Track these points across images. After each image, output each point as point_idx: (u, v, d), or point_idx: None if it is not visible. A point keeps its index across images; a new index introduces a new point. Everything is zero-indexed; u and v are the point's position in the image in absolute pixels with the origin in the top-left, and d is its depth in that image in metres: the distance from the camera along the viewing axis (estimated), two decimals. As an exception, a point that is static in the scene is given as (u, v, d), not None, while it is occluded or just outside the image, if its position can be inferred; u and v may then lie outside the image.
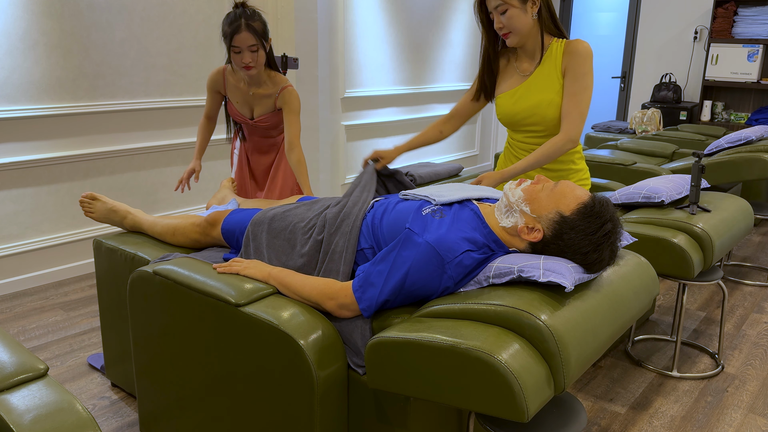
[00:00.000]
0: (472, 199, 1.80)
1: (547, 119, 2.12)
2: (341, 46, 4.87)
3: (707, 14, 5.80)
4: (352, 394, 1.65)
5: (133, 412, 2.35)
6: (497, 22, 2.05)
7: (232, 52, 2.47)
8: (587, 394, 2.52)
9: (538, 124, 2.15)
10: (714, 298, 3.52)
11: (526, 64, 2.16)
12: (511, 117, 2.19)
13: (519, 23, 2.03)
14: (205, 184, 4.26)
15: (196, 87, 4.06)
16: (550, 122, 2.13)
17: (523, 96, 2.15)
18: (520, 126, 2.21)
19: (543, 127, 2.16)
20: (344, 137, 5.10)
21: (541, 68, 2.12)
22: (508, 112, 2.19)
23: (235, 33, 2.42)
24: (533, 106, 2.13)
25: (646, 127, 5.37)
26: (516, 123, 2.20)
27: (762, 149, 3.49)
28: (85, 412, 1.11)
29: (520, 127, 2.21)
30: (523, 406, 1.31)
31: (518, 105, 2.16)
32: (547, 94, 2.10)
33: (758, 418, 2.37)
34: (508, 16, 2.02)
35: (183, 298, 1.81)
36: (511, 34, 2.06)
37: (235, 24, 2.43)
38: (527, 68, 2.16)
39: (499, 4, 2.01)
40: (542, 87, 2.12)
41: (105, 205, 2.37)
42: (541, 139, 2.20)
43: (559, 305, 1.48)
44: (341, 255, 1.78)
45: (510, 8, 2.01)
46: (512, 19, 2.02)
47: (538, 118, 2.13)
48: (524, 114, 2.16)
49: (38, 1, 3.26)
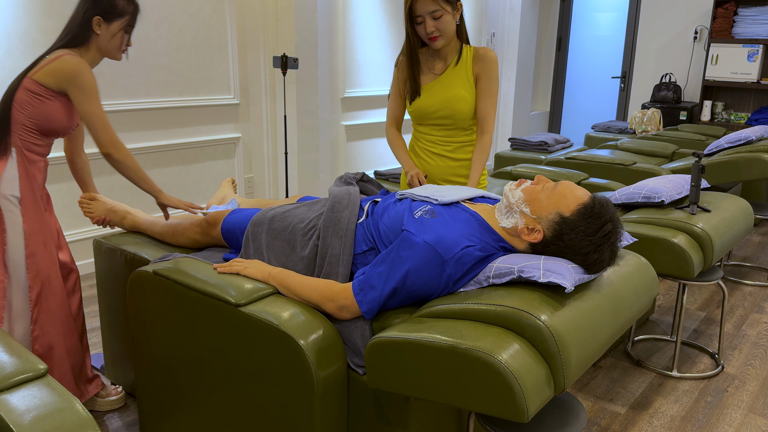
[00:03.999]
0: (467, 199, 1.81)
1: (457, 112, 2.33)
2: (341, 46, 4.87)
3: (707, 14, 5.80)
4: (352, 394, 1.65)
5: (133, 412, 2.35)
6: (429, 26, 2.22)
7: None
8: (587, 394, 2.52)
9: (448, 117, 2.35)
10: (714, 298, 3.52)
11: (439, 65, 2.36)
12: (424, 110, 2.37)
13: (449, 27, 2.24)
14: (205, 184, 4.26)
15: (196, 87, 4.06)
16: (459, 115, 2.34)
17: (437, 91, 2.34)
18: (430, 119, 2.39)
19: (452, 121, 2.36)
20: (344, 137, 5.10)
21: (453, 69, 2.33)
22: (421, 105, 2.37)
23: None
24: (446, 99, 2.32)
25: (646, 127, 5.37)
26: (427, 116, 2.38)
27: (762, 149, 3.49)
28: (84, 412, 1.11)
29: (430, 120, 2.39)
30: (523, 406, 1.31)
31: (432, 99, 2.34)
32: (458, 90, 2.31)
33: (758, 418, 2.37)
34: (443, 21, 2.21)
35: (183, 298, 1.81)
36: (440, 38, 2.25)
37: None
38: (440, 68, 2.36)
39: (436, 9, 2.19)
40: (454, 84, 2.32)
41: (104, 206, 2.37)
42: (447, 131, 2.39)
43: (559, 305, 1.48)
44: (338, 257, 1.78)
45: (445, 14, 2.20)
46: (444, 23, 2.22)
47: (450, 111, 2.33)
48: (437, 107, 2.34)
49: (38, 1, 3.26)
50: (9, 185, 1.97)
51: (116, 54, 2.08)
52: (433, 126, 2.39)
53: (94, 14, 1.98)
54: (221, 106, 4.25)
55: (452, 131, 2.38)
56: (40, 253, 2.03)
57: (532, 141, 4.77)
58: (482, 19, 6.33)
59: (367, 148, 5.36)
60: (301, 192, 4.53)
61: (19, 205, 1.98)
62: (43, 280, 2.05)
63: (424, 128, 2.43)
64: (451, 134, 2.39)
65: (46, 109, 1.97)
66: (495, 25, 6.48)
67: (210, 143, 4.22)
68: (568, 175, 3.42)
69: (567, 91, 7.55)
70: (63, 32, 2.03)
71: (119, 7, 2.00)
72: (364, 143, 5.32)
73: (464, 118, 2.34)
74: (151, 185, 2.12)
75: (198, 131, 4.15)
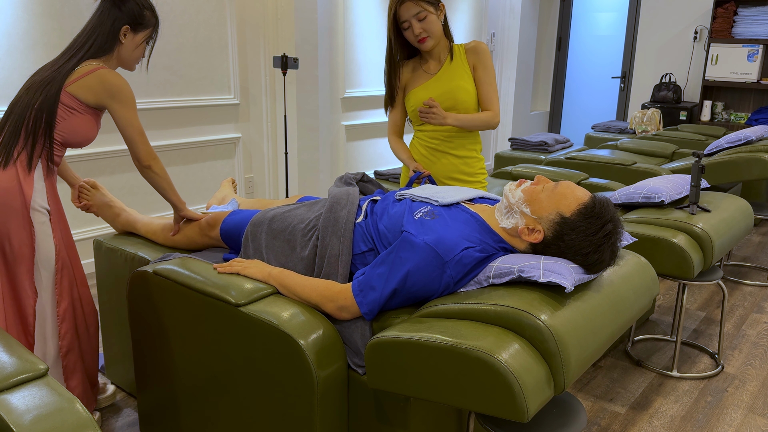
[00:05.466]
0: (467, 200, 1.81)
1: (460, 102, 2.36)
2: (341, 46, 4.87)
3: (707, 14, 5.80)
4: (352, 394, 1.65)
5: (133, 412, 2.35)
6: (416, 28, 2.26)
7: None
8: (587, 394, 2.52)
9: (451, 109, 2.38)
10: (714, 298, 3.52)
11: (434, 65, 2.41)
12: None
13: (435, 27, 2.28)
14: (205, 184, 4.26)
15: (196, 87, 4.06)
16: (462, 105, 2.37)
17: (436, 86, 2.38)
18: None
19: (455, 112, 2.37)
20: (344, 137, 5.10)
21: (450, 65, 2.38)
22: (423, 100, 2.38)
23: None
24: (448, 90, 2.36)
25: (646, 127, 5.37)
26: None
27: (762, 149, 3.49)
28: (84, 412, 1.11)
29: None
30: (523, 406, 1.31)
31: (433, 93, 2.38)
32: (459, 81, 2.36)
33: (758, 418, 2.37)
34: (427, 22, 2.26)
35: (183, 298, 1.81)
36: (429, 38, 2.29)
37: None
38: (434, 68, 2.41)
39: (419, 11, 2.23)
40: (454, 76, 2.37)
41: (103, 198, 2.36)
42: (448, 128, 2.40)
43: (559, 305, 1.48)
44: (337, 258, 1.78)
45: (428, 14, 2.26)
46: (430, 24, 2.27)
47: (452, 101, 2.36)
48: (439, 100, 2.37)
49: (38, 1, 3.26)
50: (39, 197, 1.93)
51: (133, 64, 2.07)
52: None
53: (123, 24, 1.97)
54: (221, 106, 4.25)
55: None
56: (67, 267, 2.02)
57: (532, 141, 4.77)
58: (482, 19, 6.33)
59: (367, 148, 5.36)
60: (301, 192, 4.53)
61: (49, 216, 1.97)
62: (72, 294, 2.05)
63: (426, 127, 2.45)
64: (453, 130, 2.41)
65: (76, 122, 1.94)
66: (495, 25, 6.48)
67: (210, 143, 4.22)
68: (568, 175, 3.42)
69: (567, 91, 7.55)
70: (85, 39, 1.97)
71: (146, 17, 2.01)
72: (364, 143, 5.32)
73: (466, 107, 2.38)
74: (179, 197, 2.12)
75: (198, 131, 4.15)
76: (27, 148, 1.91)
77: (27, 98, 1.92)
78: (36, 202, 1.92)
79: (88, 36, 1.97)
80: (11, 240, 1.90)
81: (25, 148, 1.91)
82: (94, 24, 1.97)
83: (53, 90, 1.89)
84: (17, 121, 1.91)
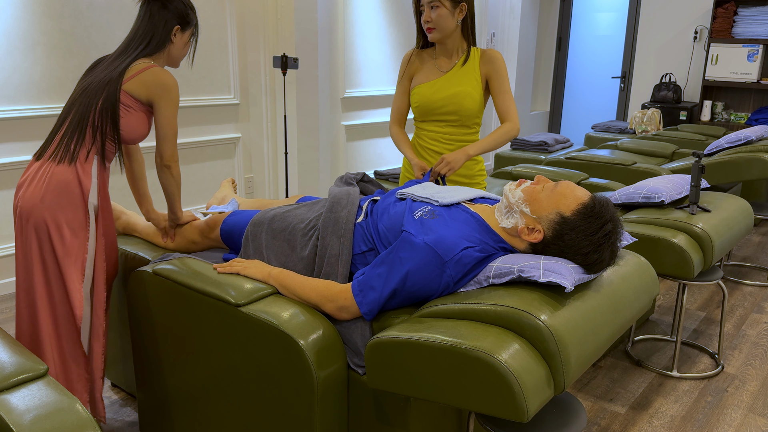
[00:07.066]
0: (467, 200, 1.81)
1: (463, 108, 2.35)
2: (341, 46, 4.87)
3: (707, 14, 5.79)
4: (352, 394, 1.65)
5: (133, 412, 2.35)
6: (426, 15, 2.26)
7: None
8: (587, 394, 2.52)
9: (453, 113, 2.37)
10: (714, 298, 3.52)
11: (445, 63, 2.40)
12: (429, 105, 2.39)
13: (444, 23, 2.26)
14: (205, 184, 4.26)
15: (196, 87, 4.06)
16: (465, 112, 2.36)
17: (443, 87, 2.36)
18: (435, 114, 2.40)
19: (457, 117, 2.37)
20: (344, 137, 5.10)
21: (461, 68, 2.36)
22: (427, 100, 2.38)
23: None
24: (453, 95, 2.34)
25: (646, 127, 5.37)
26: (432, 111, 2.39)
27: (762, 149, 3.49)
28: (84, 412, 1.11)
29: (434, 116, 2.40)
30: (523, 406, 1.31)
31: (438, 94, 2.36)
32: (465, 87, 2.34)
33: (758, 418, 2.37)
34: (438, 14, 2.25)
35: (183, 298, 1.81)
36: (435, 30, 2.28)
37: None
38: (446, 66, 2.40)
39: (432, 0, 2.23)
40: (461, 81, 2.35)
41: None
42: (450, 128, 2.40)
43: (559, 305, 1.48)
44: (337, 257, 1.78)
45: (441, 7, 2.24)
46: (440, 17, 2.25)
47: (456, 107, 2.35)
48: (443, 102, 2.36)
49: (38, 1, 3.26)
50: (93, 193, 1.96)
51: (179, 62, 2.15)
52: (437, 122, 2.41)
53: (174, 24, 2.03)
54: (221, 106, 4.25)
55: (456, 128, 2.39)
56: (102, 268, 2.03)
57: (532, 141, 4.77)
58: (482, 19, 6.33)
59: (367, 148, 5.36)
60: (301, 192, 4.53)
61: (95, 214, 1.98)
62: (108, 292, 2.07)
63: (427, 125, 2.44)
64: (454, 132, 2.40)
65: (131, 119, 1.98)
66: (495, 25, 6.48)
67: (210, 143, 4.22)
68: (568, 175, 3.42)
69: (567, 91, 7.55)
70: (139, 41, 2.01)
71: (191, 16, 2.09)
72: (364, 143, 5.32)
73: (469, 114, 2.37)
74: (181, 206, 2.16)
75: (198, 131, 4.15)
76: (96, 145, 1.95)
77: (86, 99, 1.95)
78: (92, 198, 1.96)
79: (142, 38, 2.02)
80: (62, 232, 1.91)
81: (94, 145, 1.94)
82: (146, 27, 2.02)
83: (113, 88, 1.94)
84: (80, 120, 1.93)
